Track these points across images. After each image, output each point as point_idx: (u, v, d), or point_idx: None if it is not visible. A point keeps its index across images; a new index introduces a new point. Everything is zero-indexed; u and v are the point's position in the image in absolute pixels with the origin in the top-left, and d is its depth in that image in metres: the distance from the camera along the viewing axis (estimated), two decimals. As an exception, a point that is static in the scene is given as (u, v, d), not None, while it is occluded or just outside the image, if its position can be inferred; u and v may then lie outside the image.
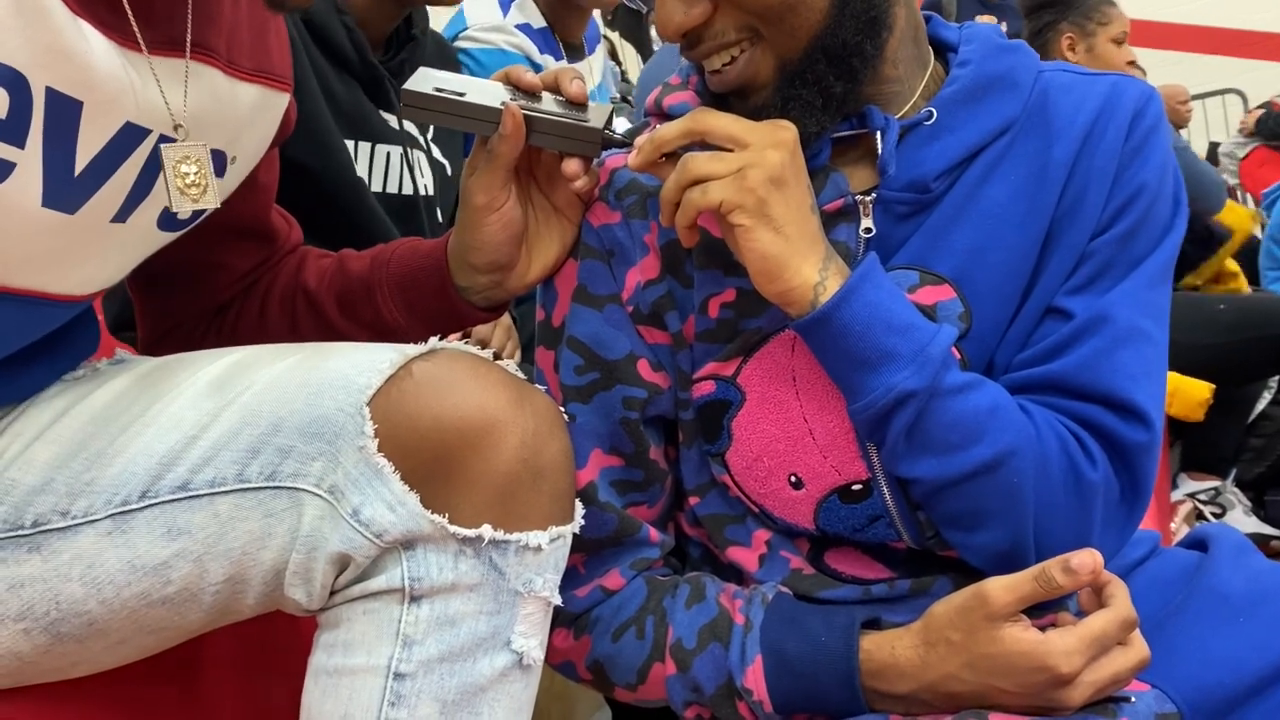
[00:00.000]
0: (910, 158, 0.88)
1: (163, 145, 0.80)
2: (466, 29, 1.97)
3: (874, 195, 0.88)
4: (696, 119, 0.83)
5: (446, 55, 1.71)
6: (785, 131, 0.82)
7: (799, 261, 0.80)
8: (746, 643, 0.86)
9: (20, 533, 0.78)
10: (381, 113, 1.44)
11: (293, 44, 1.26)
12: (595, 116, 0.89)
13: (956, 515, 0.84)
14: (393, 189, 1.44)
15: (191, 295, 1.00)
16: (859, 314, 0.81)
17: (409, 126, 1.47)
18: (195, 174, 0.82)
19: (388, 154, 1.43)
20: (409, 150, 1.46)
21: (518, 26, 1.99)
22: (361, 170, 1.39)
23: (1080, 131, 0.89)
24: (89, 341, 0.91)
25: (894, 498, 0.87)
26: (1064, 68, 0.94)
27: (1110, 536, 0.86)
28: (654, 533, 0.95)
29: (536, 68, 2.22)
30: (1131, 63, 2.90)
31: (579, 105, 0.90)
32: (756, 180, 0.79)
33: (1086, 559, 0.78)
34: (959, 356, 0.87)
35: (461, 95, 0.89)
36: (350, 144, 1.38)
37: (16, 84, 0.71)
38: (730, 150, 0.81)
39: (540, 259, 0.94)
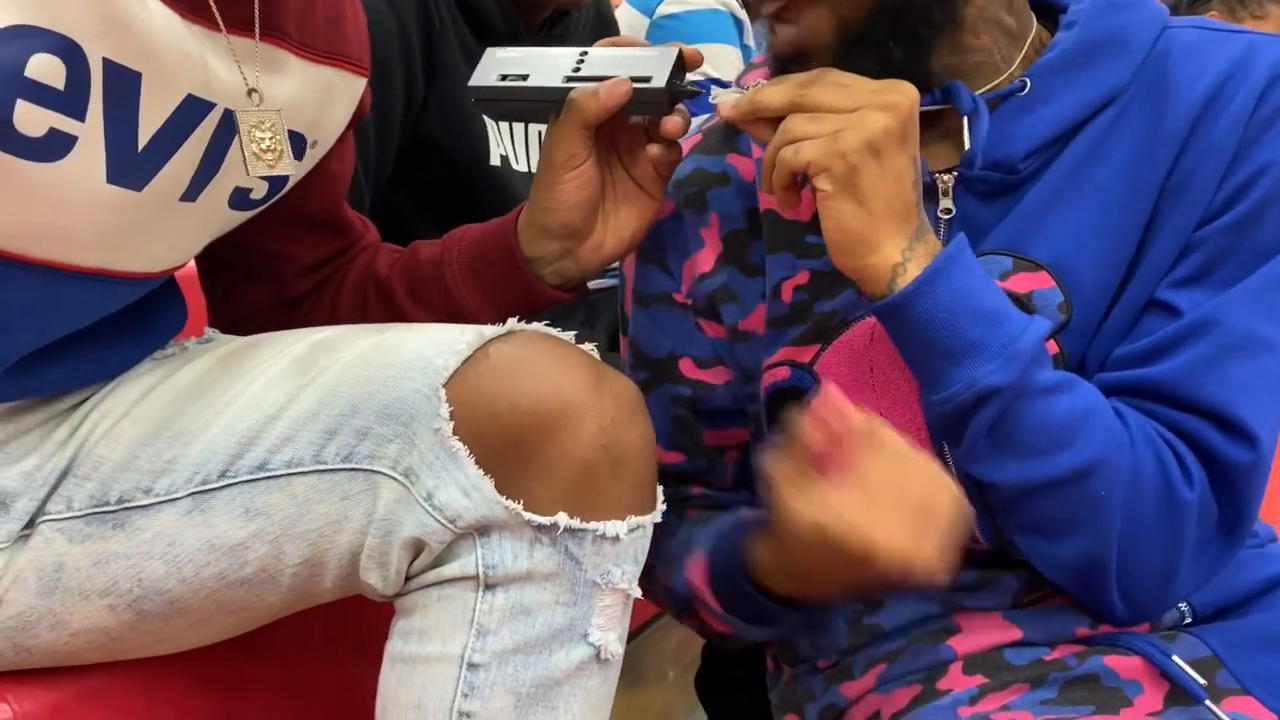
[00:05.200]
0: (997, 132, 0.80)
1: (238, 112, 0.80)
2: None
3: (955, 174, 0.82)
4: (799, 95, 0.76)
5: (604, 19, 1.68)
6: (897, 94, 0.74)
7: (880, 239, 0.74)
8: (697, 539, 0.86)
9: (106, 509, 0.79)
10: None
11: (443, 24, 1.28)
12: (659, 71, 0.84)
13: (1036, 523, 0.79)
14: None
15: (260, 287, 1.00)
16: (944, 300, 0.75)
17: None
18: (270, 139, 0.81)
19: (540, 132, 1.41)
20: None
21: None
22: (507, 149, 1.39)
23: (1200, 97, 0.79)
24: (176, 319, 0.91)
25: (970, 500, 0.80)
26: (1196, 23, 0.83)
27: (1201, 565, 0.79)
28: (697, 490, 0.94)
29: (740, 26, 2.21)
30: None
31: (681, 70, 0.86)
32: (850, 145, 0.73)
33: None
34: (1058, 351, 0.80)
35: (525, 79, 0.86)
36: (496, 125, 1.38)
37: (73, 55, 0.71)
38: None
39: (616, 233, 0.91)
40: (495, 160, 1.38)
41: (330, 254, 1.00)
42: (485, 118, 1.36)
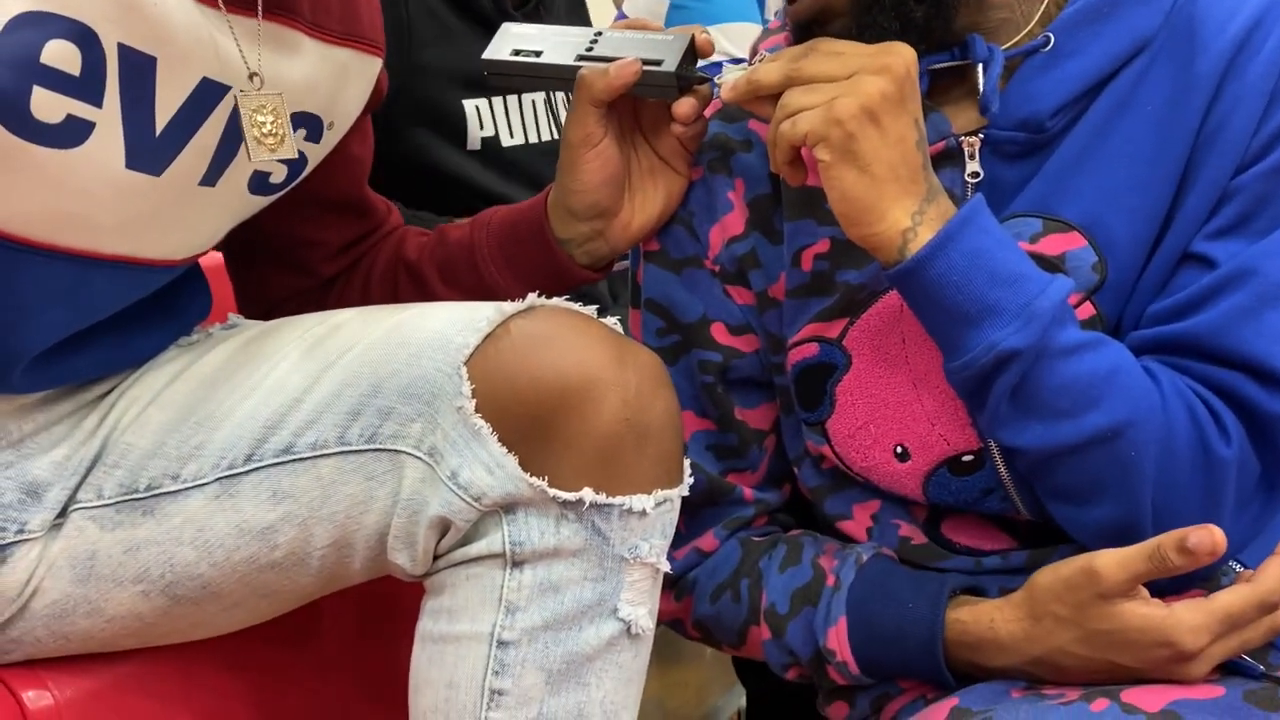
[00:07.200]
0: (1022, 91, 0.79)
1: (239, 96, 0.80)
2: None
3: (981, 135, 0.80)
4: (793, 69, 0.76)
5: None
6: (892, 56, 0.74)
7: (887, 205, 0.73)
8: (833, 603, 0.82)
9: (135, 496, 0.79)
10: None
11: (425, 2, 1.27)
12: (670, 56, 0.85)
13: (1066, 488, 0.77)
14: (535, 139, 1.43)
15: (288, 274, 1.00)
16: (957, 263, 0.73)
17: None
18: (272, 123, 0.81)
19: (533, 101, 1.42)
20: (551, 94, 1.45)
21: None
22: (500, 123, 1.39)
23: (1232, 40, 0.77)
24: (201, 305, 0.92)
25: (1008, 469, 0.80)
26: None
27: (1243, 522, 0.77)
28: (749, 492, 0.91)
29: (761, 2, 2.19)
30: None
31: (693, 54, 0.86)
32: (845, 112, 0.72)
33: (1205, 538, 0.69)
34: (1095, 313, 0.78)
35: (538, 55, 0.87)
36: (484, 101, 1.38)
37: (87, 40, 0.71)
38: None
39: (644, 210, 0.91)
40: (500, 124, 1.38)
41: (355, 237, 1.00)
42: (471, 97, 1.36)
